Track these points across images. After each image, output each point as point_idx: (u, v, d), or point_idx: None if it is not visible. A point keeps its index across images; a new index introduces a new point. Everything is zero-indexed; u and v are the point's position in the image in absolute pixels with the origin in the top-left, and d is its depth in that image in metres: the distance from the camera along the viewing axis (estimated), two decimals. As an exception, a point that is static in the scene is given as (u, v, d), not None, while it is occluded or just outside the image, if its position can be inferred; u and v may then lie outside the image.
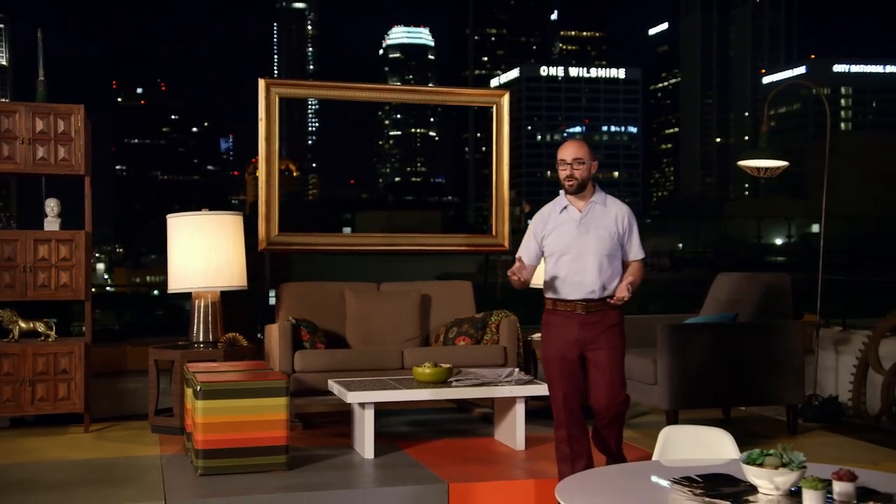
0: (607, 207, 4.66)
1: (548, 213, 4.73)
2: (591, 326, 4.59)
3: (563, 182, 4.61)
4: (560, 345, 4.67)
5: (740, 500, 3.05)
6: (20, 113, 6.28)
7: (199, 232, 6.30)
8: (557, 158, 4.65)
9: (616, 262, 4.63)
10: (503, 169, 7.73)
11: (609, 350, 4.62)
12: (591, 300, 4.58)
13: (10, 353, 6.20)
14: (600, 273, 4.56)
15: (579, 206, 4.63)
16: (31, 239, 6.29)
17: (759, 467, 3.08)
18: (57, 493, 4.86)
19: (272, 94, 7.07)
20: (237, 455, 4.97)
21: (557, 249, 4.62)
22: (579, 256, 4.57)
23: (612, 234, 4.60)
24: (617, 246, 4.61)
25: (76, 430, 6.39)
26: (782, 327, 6.15)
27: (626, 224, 4.65)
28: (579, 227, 4.60)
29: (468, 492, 4.89)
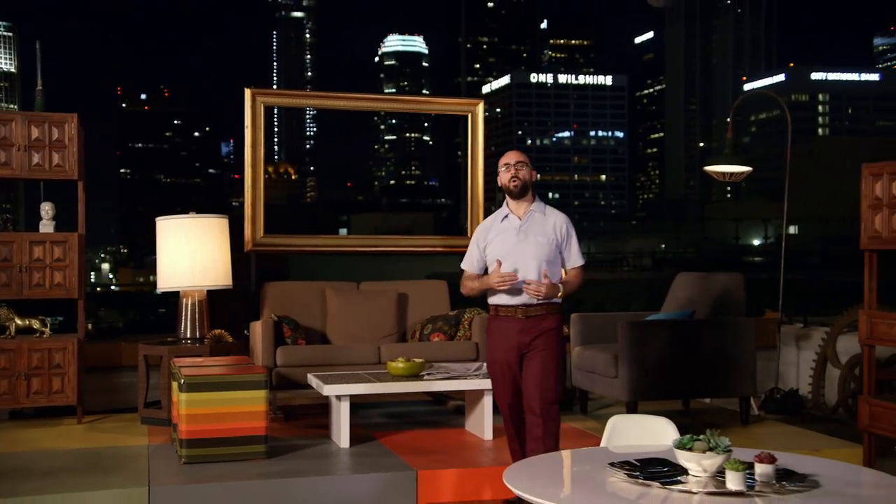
0: (546, 216, 4.64)
1: (490, 224, 4.72)
2: (530, 330, 4.55)
3: (509, 184, 4.59)
4: (502, 349, 4.64)
5: (671, 480, 3.17)
6: (16, 121, 6.33)
7: (186, 234, 6.33)
8: (500, 165, 4.65)
9: (555, 268, 4.61)
10: (478, 173, 7.79)
11: (544, 353, 4.56)
12: (531, 305, 4.54)
13: (7, 349, 6.24)
14: (539, 278, 4.52)
15: (519, 213, 4.62)
16: (26, 240, 6.33)
17: (688, 451, 3.20)
18: (48, 479, 4.91)
19: (258, 103, 7.11)
20: (219, 444, 5.04)
21: (499, 256, 4.59)
22: (519, 262, 4.54)
23: (550, 241, 4.57)
24: (555, 252, 4.59)
25: (70, 421, 6.42)
26: (735, 324, 6.22)
27: (564, 232, 4.63)
28: (519, 235, 4.57)
29: (435, 478, 4.97)
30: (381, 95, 7.99)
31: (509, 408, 4.69)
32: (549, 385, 4.55)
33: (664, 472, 3.24)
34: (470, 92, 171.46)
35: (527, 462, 3.71)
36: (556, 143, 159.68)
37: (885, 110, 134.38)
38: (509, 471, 3.41)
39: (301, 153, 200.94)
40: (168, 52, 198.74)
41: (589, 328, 6.66)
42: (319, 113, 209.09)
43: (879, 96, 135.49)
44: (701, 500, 3.00)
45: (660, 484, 3.12)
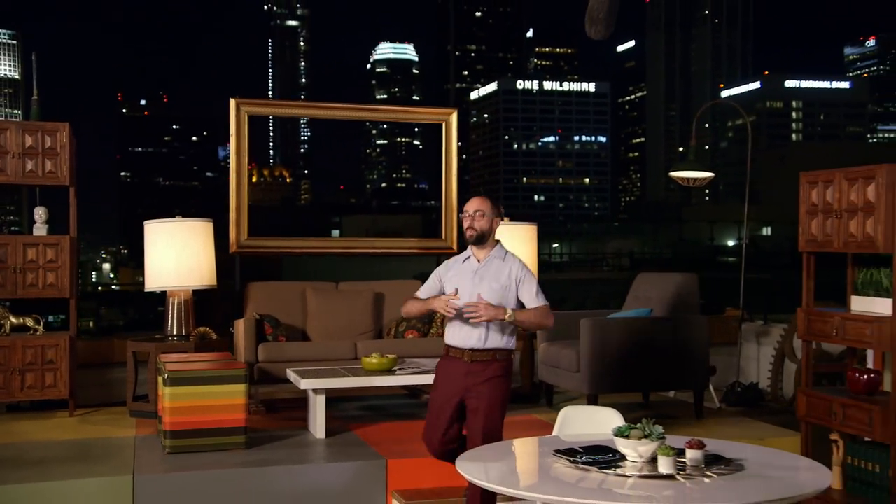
0: (504, 262, 4.50)
1: (453, 262, 4.62)
2: (475, 375, 4.38)
3: (465, 233, 4.49)
4: (446, 389, 4.49)
5: (610, 465, 3.31)
6: (11, 130, 6.38)
7: (173, 237, 6.39)
8: (463, 211, 4.53)
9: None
10: (451, 179, 7.81)
11: (488, 401, 4.39)
12: (477, 349, 4.40)
13: (2, 346, 6.29)
14: (488, 323, 4.35)
15: (479, 257, 4.50)
16: (20, 243, 6.38)
17: (626, 438, 3.35)
18: (38, 468, 5.00)
19: (242, 112, 7.20)
20: (201, 435, 5.13)
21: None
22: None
23: (503, 286, 4.41)
24: (508, 299, 4.41)
25: (62, 414, 6.48)
26: (689, 321, 6.32)
27: (519, 278, 4.46)
28: (474, 278, 4.45)
29: (403, 466, 5.06)
30: (361, 105, 7.99)
31: (440, 442, 4.50)
32: (494, 434, 4.38)
33: (605, 458, 3.38)
34: (458, 98, 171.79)
35: (478, 450, 3.83)
36: (542, 147, 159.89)
37: (854, 116, 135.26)
38: (462, 459, 3.55)
39: (296, 157, 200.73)
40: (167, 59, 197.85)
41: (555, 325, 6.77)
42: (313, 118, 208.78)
43: (849, 103, 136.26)
44: (634, 483, 3.14)
45: (597, 469, 3.27)
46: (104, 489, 4.77)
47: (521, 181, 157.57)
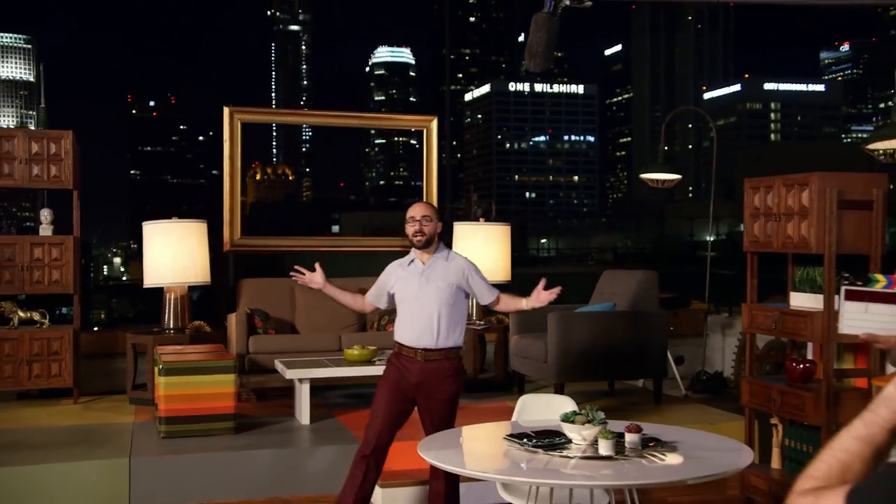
0: (449, 262, 4.45)
1: (398, 266, 4.54)
2: (429, 374, 4.33)
3: (413, 238, 4.40)
4: (396, 386, 4.40)
5: (556, 447, 3.48)
6: (18, 137, 6.52)
7: (169, 236, 6.51)
8: (407, 216, 4.44)
9: (458, 312, 4.42)
10: (432, 180, 7.97)
11: (441, 401, 4.36)
12: (430, 349, 4.34)
13: (10, 338, 6.43)
14: (439, 323, 4.32)
15: (423, 259, 4.43)
16: (27, 242, 6.52)
17: (571, 423, 3.51)
18: (41, 451, 5.14)
19: (235, 120, 7.36)
20: (193, 421, 5.28)
21: (402, 299, 4.43)
22: (420, 306, 4.35)
23: (450, 285, 4.36)
24: (457, 297, 4.39)
25: (67, 402, 6.60)
26: (648, 315, 6.46)
27: (465, 275, 4.43)
28: (421, 279, 4.38)
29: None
30: (347, 113, 8.09)
31: (378, 435, 4.35)
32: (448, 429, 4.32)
33: (552, 441, 3.55)
34: (453, 99, 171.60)
35: (439, 435, 3.98)
36: (533, 146, 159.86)
37: (829, 118, 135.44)
38: (422, 443, 3.71)
39: (298, 156, 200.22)
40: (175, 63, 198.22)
41: (525, 319, 6.82)
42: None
43: (825, 105, 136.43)
44: (576, 464, 3.31)
45: (544, 451, 3.43)
46: (103, 471, 4.90)
47: (514, 179, 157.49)
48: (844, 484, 1.43)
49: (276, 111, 9.49)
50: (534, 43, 3.14)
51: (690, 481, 3.24)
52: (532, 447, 3.46)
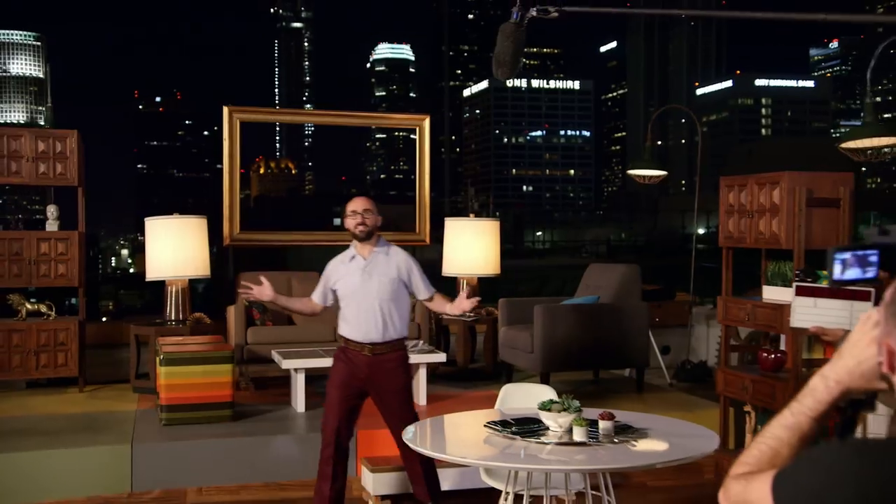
0: (389, 256, 4.43)
1: (339, 262, 4.50)
2: (377, 367, 4.34)
3: (355, 229, 4.36)
4: (345, 381, 4.39)
5: (534, 434, 3.57)
6: (25, 137, 6.59)
7: (170, 232, 6.59)
8: (348, 211, 4.39)
9: (400, 305, 4.42)
10: (425, 178, 8.02)
11: (394, 392, 4.37)
12: (376, 343, 4.33)
13: (19, 329, 6.51)
14: (382, 316, 4.32)
15: (364, 254, 4.40)
16: (34, 238, 6.58)
17: (548, 412, 3.61)
18: (47, 438, 5.23)
19: (234, 119, 7.44)
20: (192, 409, 5.36)
21: (345, 295, 4.39)
22: (364, 301, 4.33)
23: (392, 280, 4.36)
24: (399, 290, 4.40)
25: (73, 390, 6.67)
26: (630, 307, 6.54)
27: (406, 269, 4.42)
28: (363, 275, 4.36)
29: (371, 437, 5.25)
30: (344, 112, 8.17)
31: (336, 432, 4.37)
32: (407, 417, 4.34)
33: (531, 428, 3.65)
34: (452, 95, 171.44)
35: (426, 422, 4.08)
36: (530, 141, 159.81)
37: (819, 113, 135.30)
38: (407, 431, 3.80)
39: (300, 150, 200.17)
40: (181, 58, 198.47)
41: (513, 310, 6.96)
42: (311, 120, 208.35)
43: (814, 101, 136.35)
44: (551, 450, 3.41)
45: (521, 437, 3.53)
46: (106, 456, 4.99)
47: (511, 173, 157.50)
48: (773, 468, 1.53)
49: (273, 111, 9.56)
50: (501, 52, 3.21)
51: (659, 465, 3.35)
52: (511, 434, 3.56)
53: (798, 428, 1.57)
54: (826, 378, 1.55)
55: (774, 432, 1.59)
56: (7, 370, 6.50)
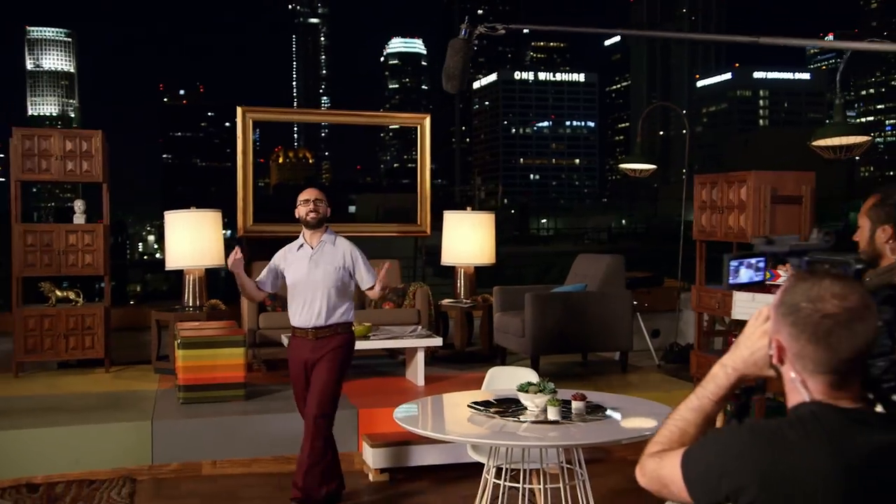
0: (336, 246, 4.44)
1: (287, 251, 4.49)
2: (319, 349, 4.37)
3: (307, 217, 4.37)
4: (297, 364, 4.45)
5: (513, 413, 3.73)
6: (55, 136, 6.74)
7: (188, 224, 6.74)
8: (300, 200, 4.40)
9: (344, 293, 4.43)
10: (426, 172, 8.11)
11: (327, 370, 4.35)
12: (320, 327, 4.35)
13: (50, 315, 6.70)
14: (328, 303, 4.34)
15: (312, 243, 4.40)
16: (63, 230, 6.73)
17: (526, 393, 3.77)
18: (76, 414, 5.41)
19: (247, 119, 7.60)
20: (208, 389, 5.51)
21: (293, 282, 4.41)
22: (310, 288, 4.35)
23: (337, 269, 4.37)
24: (344, 278, 4.41)
25: (100, 371, 6.85)
26: (614, 295, 6.66)
27: (351, 259, 4.43)
28: (310, 263, 4.37)
29: (371, 415, 5.39)
30: (351, 111, 8.30)
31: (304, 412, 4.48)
32: (325, 399, 4.36)
33: (510, 408, 3.81)
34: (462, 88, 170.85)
35: (414, 403, 4.23)
36: (537, 131, 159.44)
37: (814, 104, 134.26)
38: (398, 411, 3.93)
39: (317, 139, 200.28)
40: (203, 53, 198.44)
41: (506, 298, 7.09)
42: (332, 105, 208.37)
43: (810, 93, 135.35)
44: (527, 427, 3.57)
45: (500, 416, 3.70)
46: (128, 432, 5.15)
47: (519, 162, 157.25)
48: (682, 446, 1.71)
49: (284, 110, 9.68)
50: (450, 66, 3.22)
51: (624, 441, 3.52)
52: (491, 413, 3.73)
53: (702, 410, 1.75)
54: (725, 366, 1.72)
55: (683, 414, 1.76)
56: (40, 352, 6.69)
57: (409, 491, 4.93)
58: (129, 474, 5.06)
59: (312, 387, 4.36)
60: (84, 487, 4.85)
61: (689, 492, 1.65)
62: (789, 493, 1.52)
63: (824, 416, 1.56)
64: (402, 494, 4.89)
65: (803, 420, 1.57)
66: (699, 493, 1.63)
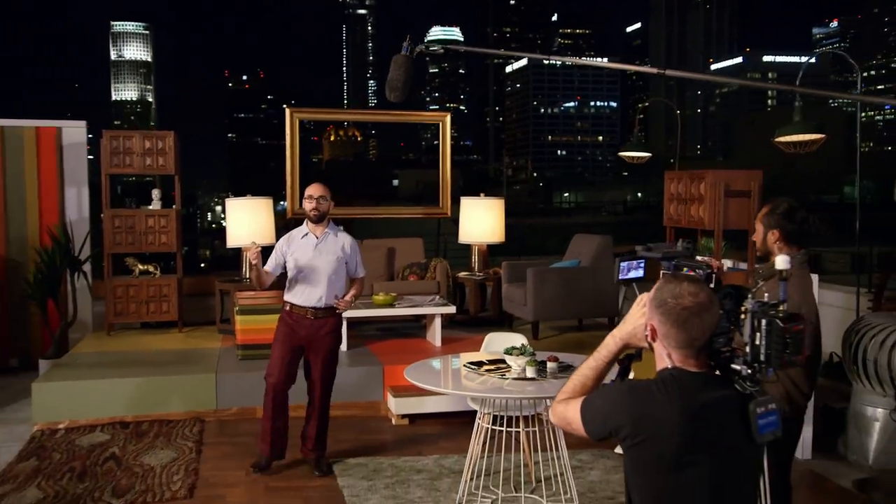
0: (337, 238, 4.50)
1: (292, 237, 4.52)
2: (317, 329, 4.43)
3: (310, 213, 4.42)
4: (287, 338, 4.45)
5: (498, 371, 4.14)
6: (136, 137, 7.11)
7: (244, 209, 7.15)
8: (306, 195, 4.45)
9: (340, 280, 4.49)
10: (447, 163, 8.32)
11: (324, 352, 4.45)
12: (318, 308, 4.41)
13: (134, 284, 7.11)
14: (328, 287, 4.40)
15: (317, 233, 4.45)
16: (143, 215, 7.13)
17: (510, 355, 4.16)
18: (156, 367, 5.83)
19: (294, 118, 8.01)
20: (261, 348, 5.74)
21: (297, 266, 4.43)
22: (312, 273, 4.40)
23: (338, 258, 4.45)
24: (341, 267, 4.48)
25: (174, 331, 7.25)
26: (603, 269, 6.92)
27: (349, 250, 4.50)
28: (315, 251, 4.41)
29: (395, 370, 5.65)
30: (381, 111, 8.68)
31: (274, 387, 4.45)
32: (328, 376, 4.51)
33: (498, 367, 4.20)
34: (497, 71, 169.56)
35: (423, 362, 4.55)
36: (563, 111, 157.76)
37: (819, 85, 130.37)
38: (408, 369, 4.23)
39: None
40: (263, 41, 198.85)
41: (513, 271, 7.39)
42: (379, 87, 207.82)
43: (816, 75, 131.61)
44: (510, 383, 3.93)
45: (489, 374, 4.11)
46: (196, 382, 5.58)
47: (547, 139, 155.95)
48: (582, 396, 2.14)
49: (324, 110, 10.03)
50: (393, 79, 3.28)
51: (589, 396, 3.88)
52: (482, 372, 4.15)
53: (597, 369, 2.17)
54: (614, 337, 2.14)
55: (583, 372, 2.19)
56: (125, 315, 7.14)
57: (425, 432, 5.32)
58: (198, 416, 5.49)
59: (319, 372, 4.48)
60: (164, 426, 5.32)
61: (585, 429, 2.07)
62: (651, 430, 1.95)
63: (679, 378, 1.98)
64: (419, 435, 5.28)
65: (665, 380, 1.99)
66: (592, 429, 2.06)
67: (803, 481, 4.47)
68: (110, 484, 4.37)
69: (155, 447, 4.98)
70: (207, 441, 5.13)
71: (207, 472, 4.62)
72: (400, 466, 4.72)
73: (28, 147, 7.18)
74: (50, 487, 4.30)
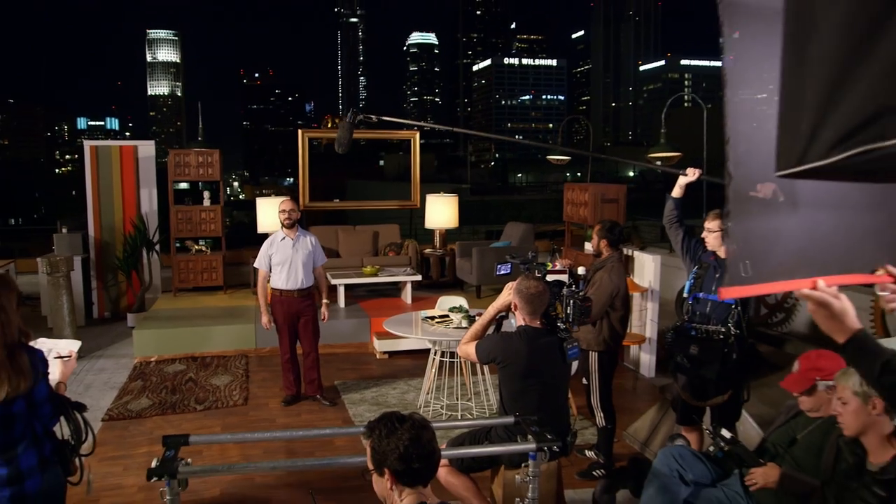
0: (306, 238, 4.72)
1: (272, 241, 4.74)
2: (302, 303, 4.71)
3: (284, 221, 4.66)
4: (286, 315, 4.67)
5: (444, 322, 5.02)
6: (192, 154, 7.62)
7: (270, 205, 7.69)
8: (279, 209, 4.67)
9: (310, 267, 4.75)
10: (416, 171, 8.73)
11: (312, 320, 4.72)
12: (301, 289, 4.65)
13: (192, 259, 7.63)
14: (304, 273, 4.67)
15: (291, 236, 4.68)
16: (197, 210, 7.68)
17: (452, 311, 4.92)
18: (207, 319, 6.36)
19: (304, 137, 8.60)
20: None
21: (280, 261, 4.67)
22: (293, 264, 4.65)
23: (308, 252, 4.70)
24: (309, 259, 4.73)
25: (220, 293, 7.68)
26: (524, 249, 7.45)
27: (315, 246, 4.74)
28: (293, 249, 4.65)
29: (378, 321, 6.04)
30: (364, 130, 9.21)
31: (287, 360, 4.75)
32: (312, 339, 4.76)
33: (443, 319, 5.02)
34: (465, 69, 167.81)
35: (397, 316, 5.23)
36: (520, 103, 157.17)
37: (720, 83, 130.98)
38: (387, 321, 5.01)
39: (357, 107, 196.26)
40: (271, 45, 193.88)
41: (464, 249, 7.96)
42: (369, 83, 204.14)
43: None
44: (451, 330, 4.68)
45: (437, 324, 4.92)
46: (239, 331, 6.14)
47: (507, 126, 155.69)
48: (476, 340, 3.18)
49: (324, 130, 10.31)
50: (340, 137, 3.37)
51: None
52: (433, 322, 4.98)
53: (483, 325, 3.21)
54: (495, 305, 3.17)
55: (475, 327, 3.22)
56: (186, 281, 7.69)
57: (400, 364, 5.89)
58: (243, 353, 6.12)
59: (308, 335, 4.80)
60: (221, 359, 5.99)
61: (477, 358, 3.11)
62: (512, 358, 2.99)
63: (527, 330, 3.04)
64: (396, 365, 5.87)
65: (520, 332, 3.05)
66: (481, 358, 3.09)
67: (639, 387, 5.39)
68: (192, 396, 5.15)
69: (217, 373, 5.59)
70: (252, 369, 5.72)
71: (255, 389, 5.26)
72: (382, 386, 5.29)
73: (114, 160, 7.82)
74: (155, 398, 5.14)
